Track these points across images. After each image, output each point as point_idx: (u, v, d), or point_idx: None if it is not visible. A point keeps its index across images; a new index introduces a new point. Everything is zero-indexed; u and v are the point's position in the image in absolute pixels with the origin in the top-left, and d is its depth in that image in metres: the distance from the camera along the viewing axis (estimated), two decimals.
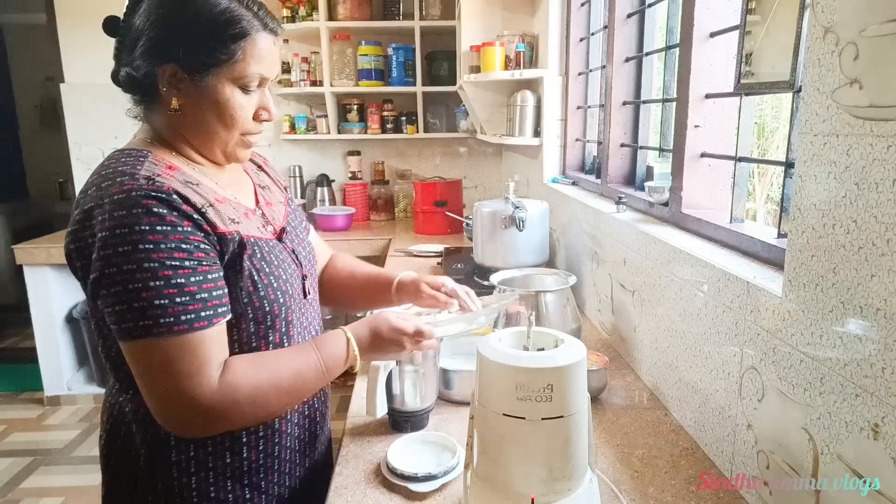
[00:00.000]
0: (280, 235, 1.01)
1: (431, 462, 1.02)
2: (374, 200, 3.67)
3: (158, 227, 0.80)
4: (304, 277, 1.03)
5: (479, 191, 3.73)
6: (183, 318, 0.80)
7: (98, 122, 3.52)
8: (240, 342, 0.92)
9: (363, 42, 3.39)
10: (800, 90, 0.86)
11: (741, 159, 1.20)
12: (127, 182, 0.82)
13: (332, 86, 3.35)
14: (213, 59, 0.87)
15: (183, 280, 0.81)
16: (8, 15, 4.87)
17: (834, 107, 0.72)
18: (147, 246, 0.79)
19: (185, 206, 0.84)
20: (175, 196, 0.83)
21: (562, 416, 0.73)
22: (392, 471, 1.00)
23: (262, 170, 1.14)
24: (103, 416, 0.98)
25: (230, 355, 0.88)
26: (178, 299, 0.80)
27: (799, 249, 0.79)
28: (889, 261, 0.64)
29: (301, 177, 3.65)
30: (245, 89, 0.91)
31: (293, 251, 1.02)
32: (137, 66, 0.89)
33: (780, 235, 1.03)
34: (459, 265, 2.23)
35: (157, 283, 0.79)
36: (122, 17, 0.91)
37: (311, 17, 3.28)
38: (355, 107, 3.49)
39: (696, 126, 1.32)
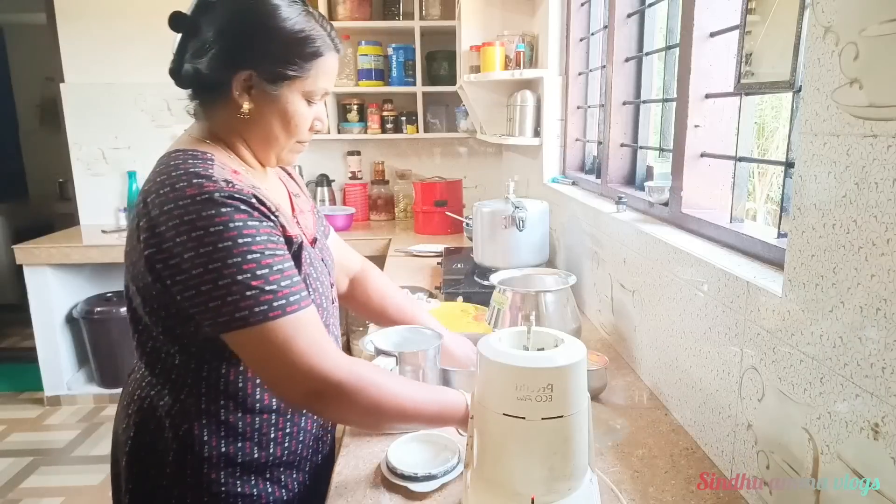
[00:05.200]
0: (313, 244, 1.06)
1: (431, 462, 1.02)
2: (374, 200, 3.67)
3: (250, 222, 0.85)
4: (332, 284, 1.10)
5: (479, 191, 3.73)
6: (292, 298, 0.86)
7: (98, 122, 3.52)
8: None
9: (363, 42, 3.40)
10: (800, 90, 0.86)
11: (741, 159, 1.20)
12: (206, 184, 0.85)
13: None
14: (289, 73, 0.93)
15: (281, 266, 0.86)
16: (8, 15, 4.87)
17: (834, 107, 0.72)
18: (246, 239, 0.84)
19: (263, 208, 0.89)
20: (254, 199, 0.87)
21: (562, 416, 0.73)
22: (392, 471, 1.00)
23: (292, 177, 1.19)
24: (130, 410, 0.99)
25: None
26: (283, 283, 0.85)
27: (799, 249, 0.79)
28: (889, 261, 0.64)
29: (301, 177, 3.65)
30: (310, 102, 0.98)
31: (322, 259, 1.07)
32: (210, 66, 0.92)
33: (780, 235, 1.03)
34: (459, 265, 2.23)
35: (263, 271, 0.84)
36: (189, 14, 0.93)
37: None
38: (355, 107, 3.49)
39: (696, 126, 1.32)
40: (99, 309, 3.25)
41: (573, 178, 2.30)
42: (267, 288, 0.83)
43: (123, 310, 3.26)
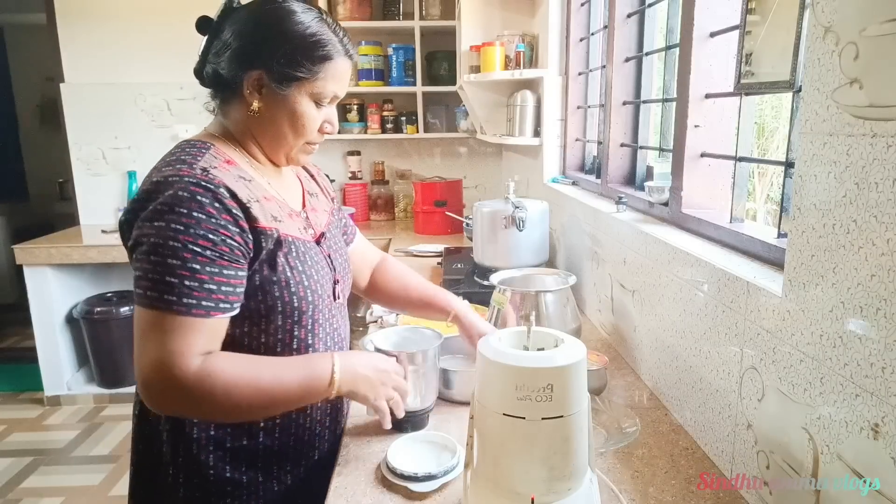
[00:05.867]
0: (319, 240, 1.09)
1: (431, 462, 1.02)
2: (374, 200, 3.67)
3: (195, 213, 0.87)
4: (336, 282, 1.09)
5: (479, 191, 3.73)
6: (185, 300, 0.85)
7: (98, 122, 3.52)
8: (267, 333, 0.98)
9: (363, 42, 3.40)
10: (800, 90, 0.86)
11: (741, 159, 1.20)
12: (183, 169, 0.90)
13: None
14: (298, 74, 0.97)
15: (198, 266, 0.86)
16: (8, 15, 4.87)
17: (834, 107, 0.72)
18: (177, 227, 0.85)
19: (228, 201, 0.90)
20: (222, 189, 0.90)
21: (562, 416, 0.73)
22: (392, 471, 1.00)
23: (314, 179, 1.23)
24: (137, 390, 1.04)
25: (258, 346, 0.98)
26: (186, 282, 0.86)
27: (799, 249, 0.79)
28: (889, 261, 0.64)
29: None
30: (318, 104, 1.01)
31: (329, 256, 1.09)
32: (226, 66, 0.97)
33: (780, 235, 1.03)
34: (459, 265, 2.23)
35: (174, 261, 0.85)
36: (214, 18, 0.99)
37: None
38: (355, 107, 3.49)
39: (696, 126, 1.32)
40: (99, 309, 3.25)
41: (573, 178, 2.30)
42: (166, 279, 0.85)
43: (123, 310, 3.30)
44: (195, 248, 0.86)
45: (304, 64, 0.96)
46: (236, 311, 0.92)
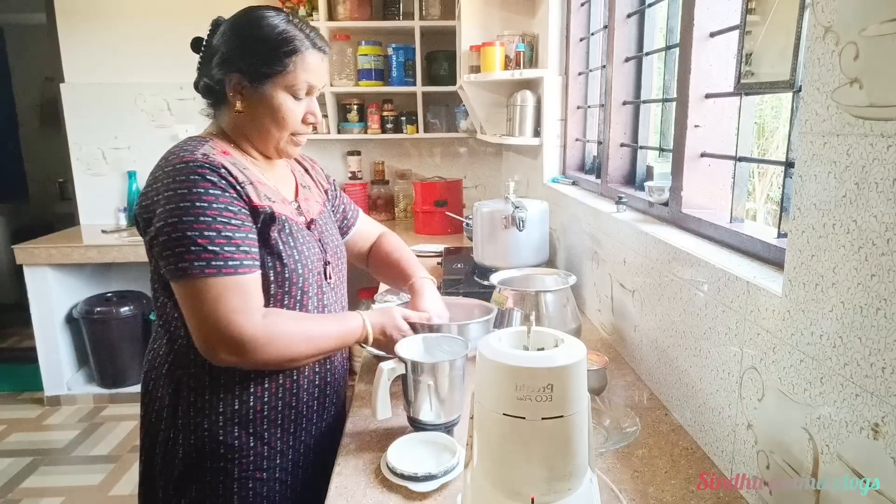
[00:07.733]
0: (309, 225, 1.18)
1: (431, 462, 1.02)
2: (374, 200, 3.67)
3: (212, 191, 0.99)
4: (326, 263, 1.18)
5: (479, 191, 3.73)
6: (230, 262, 0.98)
7: (98, 122, 3.52)
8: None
9: (363, 42, 3.40)
10: (800, 90, 0.86)
11: (741, 159, 1.20)
12: (187, 156, 1.01)
13: (332, 86, 3.35)
14: (270, 70, 1.07)
15: (230, 234, 0.99)
16: (8, 15, 4.87)
17: (834, 107, 0.72)
18: (203, 204, 0.98)
19: (230, 178, 1.02)
20: (223, 169, 1.02)
21: (562, 416, 0.73)
22: (392, 471, 1.00)
23: (308, 173, 1.33)
24: (147, 357, 1.16)
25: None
26: (226, 248, 0.98)
27: (799, 249, 0.79)
28: (889, 261, 0.64)
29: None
30: (295, 96, 1.10)
31: (320, 240, 1.19)
32: (212, 75, 1.10)
33: (780, 235, 1.03)
34: (459, 265, 2.23)
35: (211, 233, 0.97)
36: (205, 38, 1.13)
37: (311, 17, 3.28)
38: (355, 107, 3.49)
39: (696, 126, 1.32)
40: (99, 309, 3.25)
41: (573, 178, 2.30)
42: (210, 248, 0.97)
43: (123, 310, 3.31)
44: (223, 219, 0.98)
45: (273, 61, 1.06)
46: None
